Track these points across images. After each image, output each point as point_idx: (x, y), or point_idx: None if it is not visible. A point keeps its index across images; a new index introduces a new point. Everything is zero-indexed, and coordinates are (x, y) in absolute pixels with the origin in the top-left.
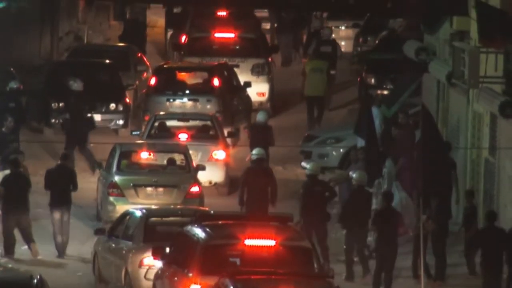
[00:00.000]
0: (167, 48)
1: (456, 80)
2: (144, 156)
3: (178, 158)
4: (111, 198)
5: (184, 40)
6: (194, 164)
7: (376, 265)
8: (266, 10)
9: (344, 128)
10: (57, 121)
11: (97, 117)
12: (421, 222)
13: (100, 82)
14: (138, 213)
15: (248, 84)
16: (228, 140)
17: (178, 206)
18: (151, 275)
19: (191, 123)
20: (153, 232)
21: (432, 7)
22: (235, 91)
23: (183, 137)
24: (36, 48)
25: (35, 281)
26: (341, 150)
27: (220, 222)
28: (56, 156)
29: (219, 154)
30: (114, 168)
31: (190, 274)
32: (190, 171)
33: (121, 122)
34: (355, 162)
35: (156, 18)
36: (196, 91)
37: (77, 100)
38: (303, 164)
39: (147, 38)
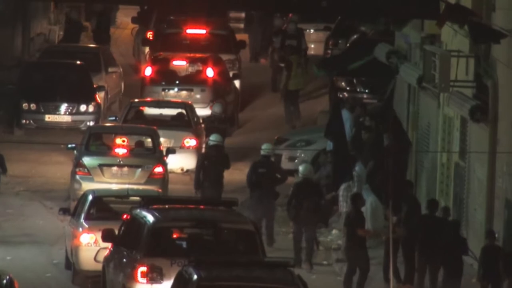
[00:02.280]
0: (134, 44)
1: (427, 83)
2: (115, 138)
3: (147, 140)
4: (78, 177)
5: (152, 36)
6: (164, 148)
7: (347, 267)
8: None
9: (314, 131)
10: (27, 122)
11: (68, 118)
12: (390, 225)
13: (71, 83)
14: (90, 193)
15: (237, 76)
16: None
17: (141, 187)
18: (101, 257)
19: (167, 110)
20: (97, 211)
21: (403, 11)
22: (226, 82)
23: (156, 124)
24: (8, 49)
25: (5, 281)
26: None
27: (167, 205)
28: (25, 157)
29: (191, 141)
30: (83, 149)
31: (138, 256)
32: (155, 153)
33: (91, 123)
34: (324, 165)
35: (128, 20)
36: (191, 81)
37: None
38: None
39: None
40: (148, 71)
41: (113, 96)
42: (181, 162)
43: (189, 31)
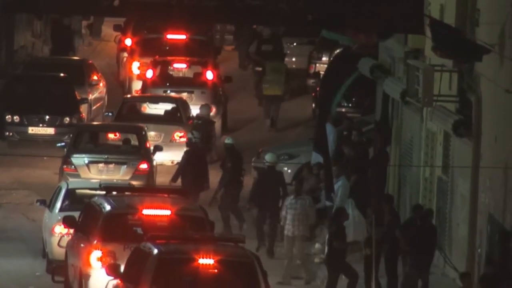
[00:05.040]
0: (116, 52)
1: (410, 98)
2: (106, 135)
3: (134, 138)
4: (65, 174)
5: (131, 43)
6: (153, 145)
7: (328, 280)
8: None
9: (297, 144)
10: (11, 134)
11: (51, 131)
12: (373, 240)
13: (54, 96)
14: (63, 185)
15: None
16: None
17: (117, 180)
18: (64, 243)
19: (160, 105)
20: (71, 203)
21: (387, 25)
22: (221, 85)
23: (148, 118)
24: None
25: None
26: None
27: (123, 194)
28: (8, 169)
29: (181, 135)
30: (71, 146)
31: (94, 242)
32: (141, 150)
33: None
34: (307, 179)
35: (112, 32)
36: (191, 84)
37: None
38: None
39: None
40: (149, 73)
41: (97, 109)
42: (171, 155)
43: (169, 36)
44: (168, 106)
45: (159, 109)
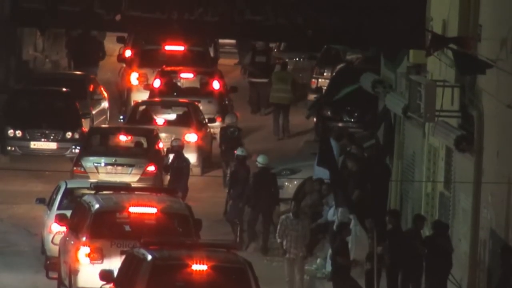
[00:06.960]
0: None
1: (412, 113)
2: (120, 138)
3: (148, 141)
4: (75, 175)
5: (130, 54)
6: (165, 148)
7: None
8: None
9: (299, 159)
10: (13, 148)
11: (53, 145)
12: (375, 255)
13: (57, 110)
14: (62, 185)
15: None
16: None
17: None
18: (58, 240)
19: (172, 109)
20: (69, 201)
21: (390, 40)
22: (226, 95)
23: (160, 121)
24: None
25: None
26: (295, 182)
27: (112, 192)
28: (11, 184)
29: (191, 137)
30: (82, 148)
31: (83, 238)
32: (149, 152)
33: (77, 150)
34: (310, 194)
35: (114, 47)
36: (198, 93)
37: None
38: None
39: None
40: (156, 83)
41: (99, 123)
42: None
43: (167, 47)
44: (180, 111)
45: (171, 114)
